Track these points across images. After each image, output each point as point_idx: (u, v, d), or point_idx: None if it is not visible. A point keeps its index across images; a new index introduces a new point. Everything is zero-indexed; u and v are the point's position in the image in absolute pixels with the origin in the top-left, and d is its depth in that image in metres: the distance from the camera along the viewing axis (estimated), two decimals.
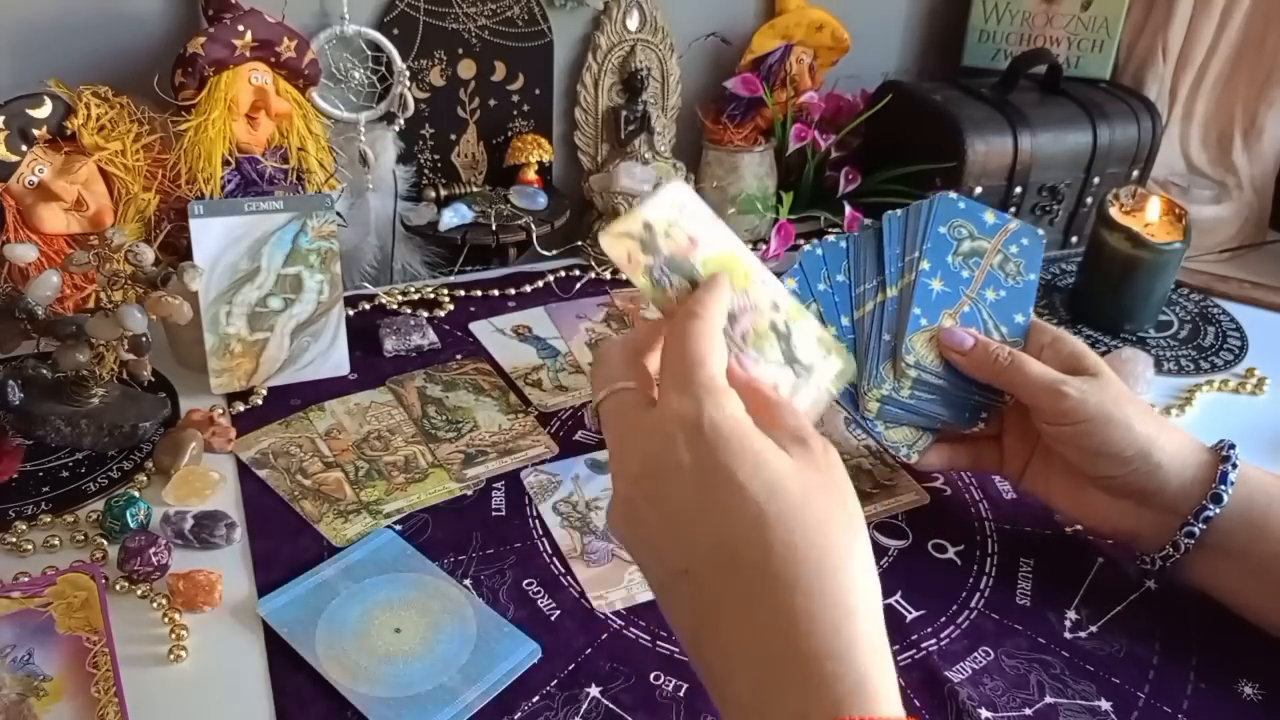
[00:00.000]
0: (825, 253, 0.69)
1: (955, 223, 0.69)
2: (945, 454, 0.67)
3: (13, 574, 0.60)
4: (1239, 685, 0.57)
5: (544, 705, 0.54)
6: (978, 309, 0.66)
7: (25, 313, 0.66)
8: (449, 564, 0.62)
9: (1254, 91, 1.04)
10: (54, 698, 0.52)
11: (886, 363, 0.65)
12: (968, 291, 0.67)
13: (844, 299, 0.68)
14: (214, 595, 0.59)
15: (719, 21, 1.03)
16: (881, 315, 0.66)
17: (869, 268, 0.68)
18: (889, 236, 0.69)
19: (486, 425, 0.75)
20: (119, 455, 0.70)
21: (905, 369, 0.64)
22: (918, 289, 0.66)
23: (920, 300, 0.66)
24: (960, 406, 0.66)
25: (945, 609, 0.61)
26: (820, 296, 0.67)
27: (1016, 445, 0.66)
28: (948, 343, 0.64)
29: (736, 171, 1.01)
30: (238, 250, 0.74)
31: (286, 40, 0.75)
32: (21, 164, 0.70)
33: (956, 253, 0.68)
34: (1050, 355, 0.63)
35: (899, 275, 0.67)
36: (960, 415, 0.66)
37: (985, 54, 1.09)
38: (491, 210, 0.93)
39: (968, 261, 0.68)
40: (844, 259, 0.69)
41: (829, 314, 0.67)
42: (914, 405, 0.65)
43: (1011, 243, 0.69)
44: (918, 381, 0.64)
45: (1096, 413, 0.58)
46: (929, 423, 0.66)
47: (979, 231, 0.69)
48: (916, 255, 0.67)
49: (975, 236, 0.69)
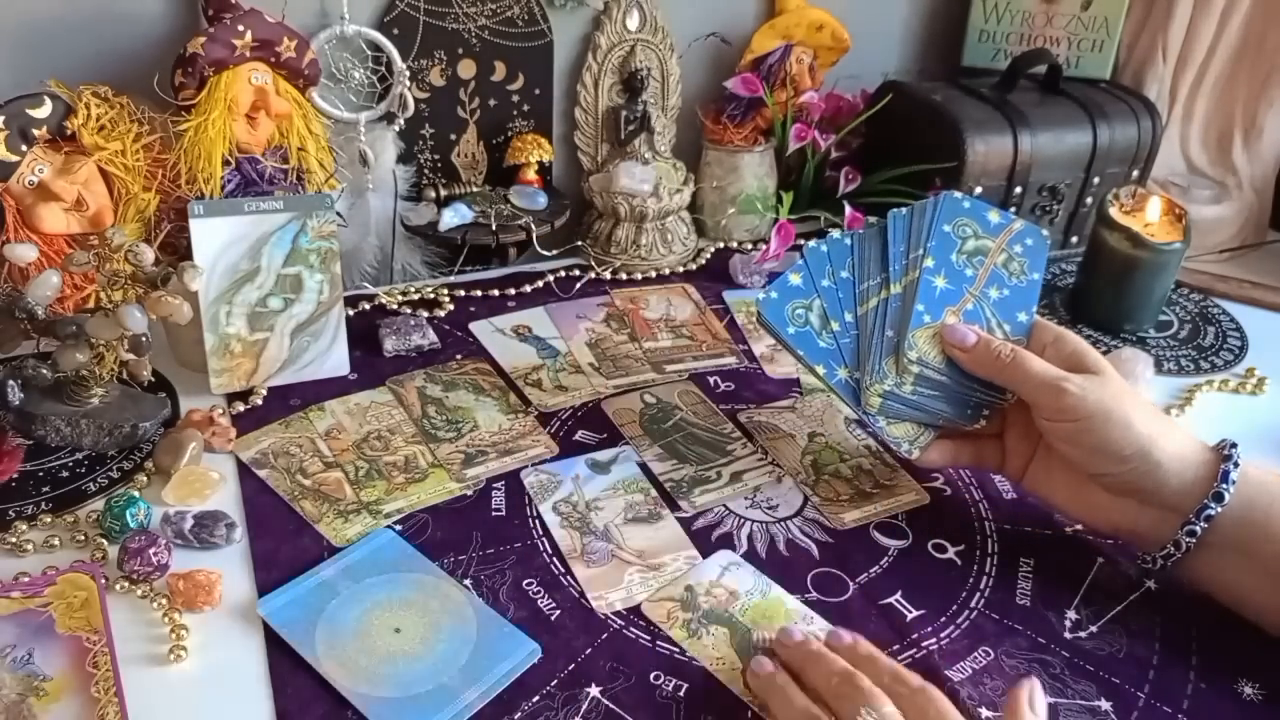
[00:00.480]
0: (830, 249, 0.69)
1: (960, 221, 0.69)
2: (947, 451, 0.67)
3: (13, 574, 0.60)
4: (1239, 685, 0.57)
5: (544, 705, 0.54)
6: (981, 307, 0.66)
7: (25, 313, 0.66)
8: (449, 564, 0.62)
9: (1254, 91, 1.04)
10: (54, 698, 0.52)
11: (889, 358, 0.65)
12: (971, 289, 0.67)
13: (847, 295, 0.68)
14: (214, 595, 0.59)
15: (719, 21, 1.03)
16: (885, 311, 0.66)
17: (873, 264, 0.68)
18: (893, 234, 0.69)
19: (486, 425, 0.75)
20: (119, 455, 0.70)
21: (907, 365, 0.64)
22: (921, 286, 0.66)
23: (924, 297, 0.66)
24: (962, 403, 0.66)
25: (945, 609, 0.61)
26: (824, 292, 0.68)
27: (1018, 444, 0.66)
28: (950, 339, 0.64)
29: (736, 171, 1.01)
30: (238, 250, 0.74)
31: (286, 40, 0.75)
32: (21, 164, 0.70)
33: (960, 251, 0.68)
34: (1052, 354, 0.63)
35: (903, 272, 0.67)
36: (962, 412, 0.66)
37: (985, 54, 1.09)
38: (491, 210, 0.93)
39: (971, 260, 0.68)
40: (848, 255, 0.69)
41: (832, 310, 0.67)
42: (916, 401, 0.65)
43: (1016, 242, 0.69)
44: (920, 378, 0.64)
45: (1096, 409, 0.58)
46: (930, 419, 0.66)
47: (983, 230, 0.69)
48: (921, 253, 0.67)
49: (979, 235, 0.69)
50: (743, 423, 0.76)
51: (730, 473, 0.71)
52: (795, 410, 0.78)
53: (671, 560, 0.63)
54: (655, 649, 0.57)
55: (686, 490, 0.69)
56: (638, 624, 0.59)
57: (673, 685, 0.55)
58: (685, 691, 0.55)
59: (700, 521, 0.67)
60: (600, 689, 0.55)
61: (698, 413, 0.77)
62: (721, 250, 1.00)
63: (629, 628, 0.59)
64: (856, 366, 0.66)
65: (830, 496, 0.69)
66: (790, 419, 0.77)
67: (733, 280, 0.96)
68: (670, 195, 0.96)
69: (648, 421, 0.76)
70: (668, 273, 0.96)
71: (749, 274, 0.95)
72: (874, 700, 0.50)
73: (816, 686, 0.53)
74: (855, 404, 0.66)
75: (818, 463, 0.73)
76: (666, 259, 0.97)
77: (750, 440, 0.75)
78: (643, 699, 0.54)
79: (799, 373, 0.83)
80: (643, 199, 0.95)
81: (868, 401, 0.65)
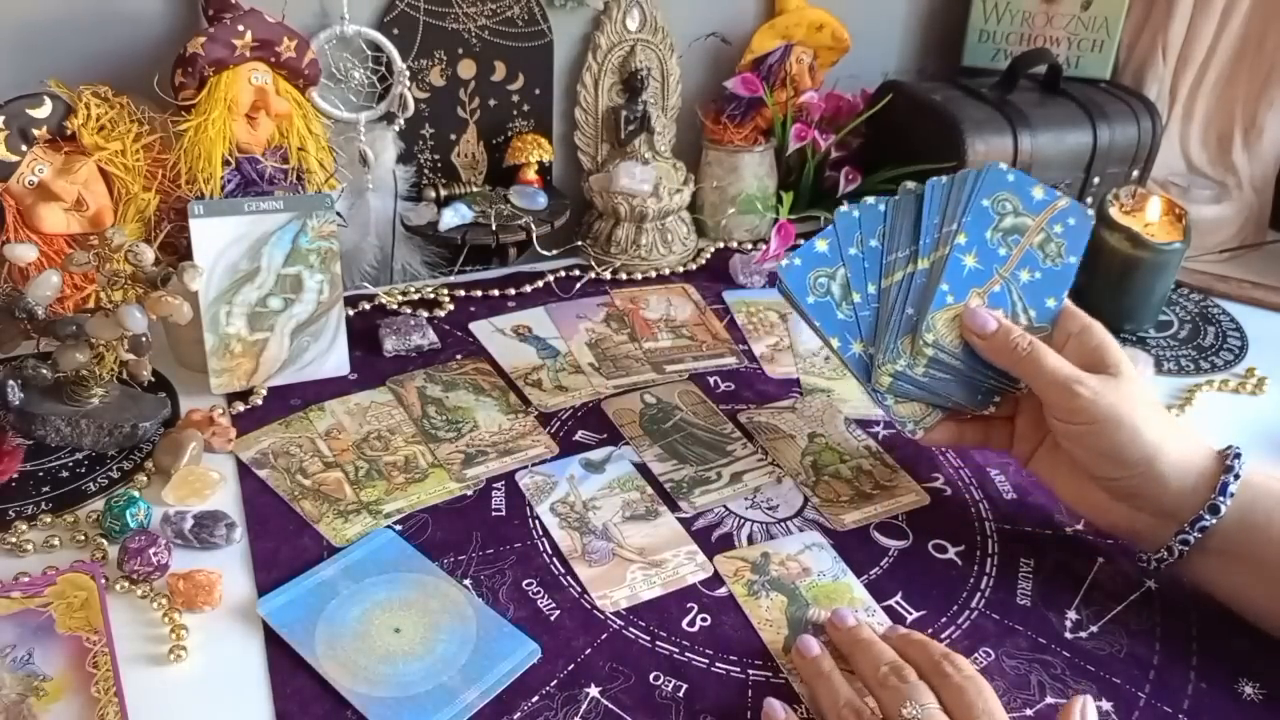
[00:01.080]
0: (862, 215, 0.66)
1: (1000, 196, 0.66)
2: (952, 431, 0.66)
3: (13, 574, 0.60)
4: (1239, 685, 0.57)
5: (544, 705, 0.54)
6: (1009, 289, 0.65)
7: (25, 313, 0.66)
8: (449, 564, 0.62)
9: (1254, 91, 1.04)
10: (54, 698, 0.52)
11: (905, 338, 0.64)
12: (1001, 270, 0.65)
13: (873, 265, 0.66)
14: (214, 595, 0.59)
15: (719, 21, 1.03)
16: (909, 287, 0.65)
17: (904, 235, 0.66)
18: (930, 204, 0.66)
19: (486, 425, 0.75)
20: (119, 455, 0.70)
21: (923, 347, 0.63)
22: (950, 264, 0.64)
23: (950, 275, 0.64)
24: (974, 389, 0.65)
25: (945, 609, 0.61)
26: (849, 261, 0.66)
27: (1028, 429, 0.65)
28: (970, 323, 0.63)
29: (736, 171, 1.01)
30: (238, 250, 0.74)
31: (286, 40, 0.75)
32: (21, 164, 0.70)
33: (997, 228, 0.66)
34: (1075, 346, 0.62)
35: (933, 247, 0.65)
36: (972, 397, 0.65)
37: (985, 54, 1.09)
38: (491, 210, 0.93)
39: (1006, 238, 0.66)
40: (880, 223, 0.67)
41: (856, 280, 0.66)
42: (927, 383, 0.64)
43: (1057, 221, 0.66)
44: (934, 360, 0.63)
45: (1108, 415, 0.58)
46: (940, 401, 0.65)
47: (1024, 207, 0.66)
48: (954, 227, 0.65)
49: (1019, 212, 0.66)
50: (743, 423, 0.76)
51: (730, 473, 0.71)
52: (795, 411, 0.78)
53: (673, 556, 0.63)
54: (655, 649, 0.57)
55: (686, 491, 0.69)
56: (638, 624, 0.59)
57: (672, 685, 0.55)
58: (685, 691, 0.55)
59: (700, 522, 0.67)
60: (600, 689, 0.55)
61: (698, 413, 0.77)
62: (721, 250, 1.00)
63: (629, 628, 0.59)
64: (872, 342, 0.65)
65: (830, 497, 0.69)
66: (790, 419, 0.77)
67: (733, 280, 0.96)
68: (670, 195, 0.96)
69: (648, 422, 0.76)
70: (668, 273, 0.96)
71: (749, 274, 0.95)
72: (920, 696, 0.49)
73: (863, 674, 0.53)
74: (866, 379, 0.65)
75: (818, 463, 0.73)
76: (666, 259, 0.97)
77: (750, 441, 0.75)
78: (642, 699, 0.54)
79: (799, 373, 0.83)
80: (643, 199, 0.95)
81: (878, 379, 0.64)
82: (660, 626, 0.59)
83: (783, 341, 0.87)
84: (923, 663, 0.52)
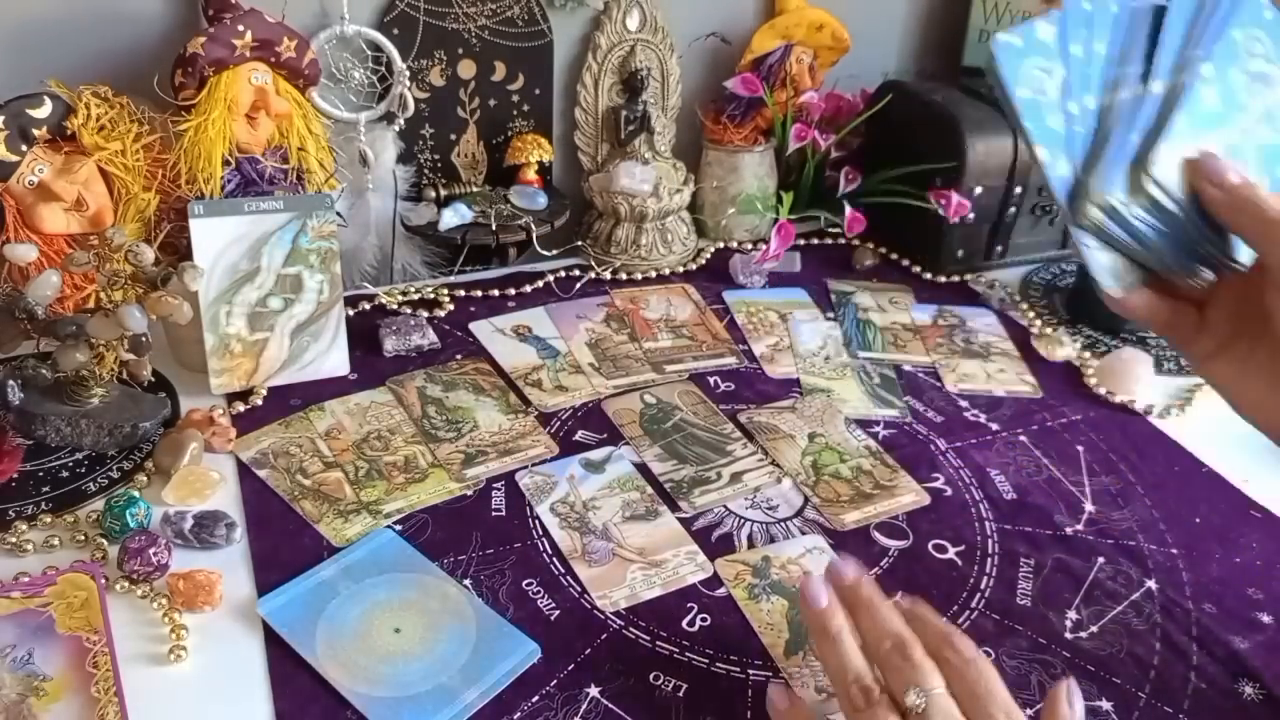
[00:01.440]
0: (1095, 9, 0.54)
1: (1254, 32, 0.55)
2: (1151, 301, 0.55)
3: (13, 574, 0.60)
4: (1239, 685, 0.57)
5: (544, 705, 0.54)
6: (1244, 146, 0.54)
7: (25, 313, 0.66)
8: (449, 564, 0.62)
9: None
10: (54, 698, 0.52)
11: (1125, 168, 0.52)
12: (1242, 121, 0.54)
13: (1097, 74, 0.54)
14: (214, 595, 0.59)
15: (719, 21, 1.03)
16: (1136, 110, 0.53)
17: (1138, 48, 0.54)
18: (1173, 18, 0.54)
19: (486, 425, 0.75)
20: (119, 455, 0.70)
21: (1144, 182, 0.52)
22: (1187, 95, 0.53)
23: (1187, 108, 0.52)
24: (1188, 252, 0.54)
25: (946, 609, 0.61)
26: (1070, 62, 0.54)
27: (1221, 322, 0.55)
28: (1208, 169, 0.51)
29: (736, 171, 1.01)
30: (238, 250, 0.74)
31: (286, 40, 0.75)
32: (21, 164, 0.70)
33: (1245, 70, 0.54)
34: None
35: (1172, 71, 0.54)
36: (1183, 262, 0.54)
37: (985, 54, 1.08)
38: (491, 210, 0.93)
39: (1252, 85, 0.54)
40: (1111, 28, 0.54)
41: (1077, 86, 0.54)
42: (1138, 230, 0.53)
43: None
44: (1153, 204, 0.52)
45: None
46: (1145, 258, 0.54)
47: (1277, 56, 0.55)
48: (1200, 53, 0.53)
49: (1271, 60, 0.55)
50: (743, 423, 0.76)
51: (730, 473, 0.71)
52: (795, 411, 0.78)
53: (672, 556, 0.63)
54: (655, 649, 0.57)
55: (687, 491, 0.69)
56: (638, 624, 0.59)
57: (672, 685, 0.55)
58: (685, 692, 0.55)
59: (700, 522, 0.67)
60: (600, 689, 0.55)
61: (698, 413, 0.77)
62: (721, 250, 1.00)
63: (629, 628, 0.59)
64: (1085, 165, 0.53)
65: (830, 497, 0.69)
66: (790, 419, 0.77)
67: (733, 280, 0.96)
68: (670, 195, 0.96)
69: (648, 422, 0.76)
70: (668, 273, 0.96)
71: (749, 274, 0.95)
72: (926, 679, 0.46)
73: (868, 644, 0.50)
74: (1068, 208, 0.53)
75: (818, 463, 0.73)
76: (666, 259, 0.97)
77: (750, 440, 0.75)
78: (642, 699, 0.54)
79: (799, 373, 0.83)
80: (643, 199, 0.95)
81: (1083, 212, 0.52)
82: (660, 626, 0.59)
83: (783, 341, 0.87)
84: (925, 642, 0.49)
